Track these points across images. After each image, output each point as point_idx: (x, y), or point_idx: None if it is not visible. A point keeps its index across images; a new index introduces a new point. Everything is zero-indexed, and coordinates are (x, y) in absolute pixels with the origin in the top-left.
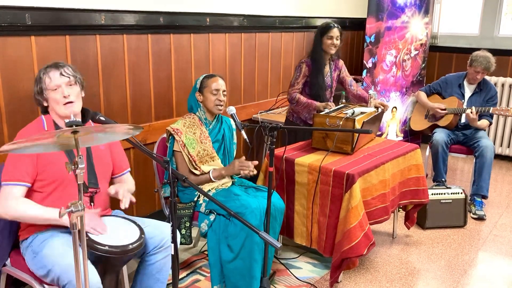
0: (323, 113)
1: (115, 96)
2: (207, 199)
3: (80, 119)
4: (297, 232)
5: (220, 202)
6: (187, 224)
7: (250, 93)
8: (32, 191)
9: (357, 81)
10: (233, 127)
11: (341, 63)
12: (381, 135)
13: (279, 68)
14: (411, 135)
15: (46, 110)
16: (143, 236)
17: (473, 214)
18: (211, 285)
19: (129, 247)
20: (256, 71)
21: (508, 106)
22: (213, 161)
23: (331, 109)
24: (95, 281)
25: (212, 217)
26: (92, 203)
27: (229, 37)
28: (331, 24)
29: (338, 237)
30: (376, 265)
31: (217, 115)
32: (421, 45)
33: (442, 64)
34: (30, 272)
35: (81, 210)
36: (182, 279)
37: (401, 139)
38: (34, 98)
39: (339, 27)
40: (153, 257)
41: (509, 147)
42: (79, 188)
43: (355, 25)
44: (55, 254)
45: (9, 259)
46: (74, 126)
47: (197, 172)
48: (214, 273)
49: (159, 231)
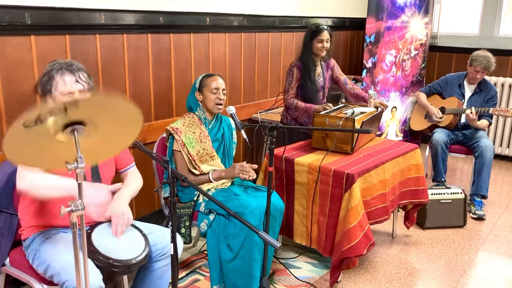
0: (322, 112)
1: None
2: (207, 199)
3: None
4: (297, 232)
5: (219, 201)
6: (187, 223)
7: (249, 92)
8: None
9: (357, 81)
10: (233, 126)
11: (333, 62)
12: (380, 135)
13: (279, 68)
14: (410, 135)
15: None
16: (148, 247)
17: (473, 214)
18: (211, 285)
19: (133, 261)
20: (256, 71)
21: (508, 106)
22: (213, 160)
23: (331, 109)
24: (96, 280)
25: (211, 217)
26: None
27: (229, 37)
28: (321, 26)
29: (337, 237)
30: (375, 265)
31: (217, 114)
32: (421, 45)
33: (442, 64)
34: (29, 271)
35: (81, 209)
36: (181, 278)
37: (401, 139)
38: (35, 89)
39: (328, 28)
40: (155, 264)
41: (508, 147)
42: (79, 187)
43: (355, 25)
44: (55, 250)
45: (8, 259)
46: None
47: (196, 172)
48: (213, 272)
49: (162, 238)
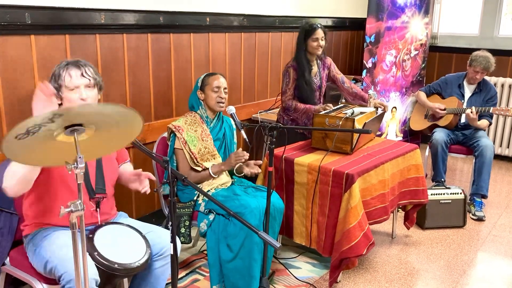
0: (322, 113)
1: (115, 95)
2: (207, 199)
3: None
4: (297, 232)
5: (219, 201)
6: (187, 223)
7: (249, 92)
8: (42, 185)
9: (357, 81)
10: (234, 127)
11: (329, 60)
12: (380, 135)
13: (279, 68)
14: (410, 135)
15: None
16: (149, 250)
17: (473, 214)
18: (210, 284)
19: (136, 265)
20: (256, 71)
21: (508, 106)
22: (214, 159)
23: (331, 109)
24: (92, 272)
25: (211, 217)
26: (98, 209)
27: (229, 37)
28: (314, 25)
29: (337, 237)
30: (375, 265)
31: (218, 114)
32: (421, 45)
33: (442, 64)
34: (29, 271)
35: (80, 210)
36: (181, 278)
37: (401, 139)
38: None
39: (322, 26)
40: (153, 264)
41: (508, 147)
42: (78, 187)
43: (355, 25)
44: (54, 245)
45: (8, 258)
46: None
47: (198, 168)
48: (213, 272)
49: (160, 239)
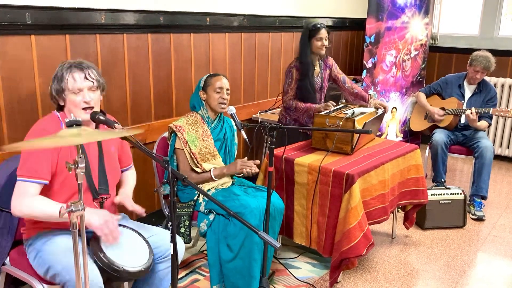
0: (323, 113)
1: (115, 95)
2: (207, 199)
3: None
4: (297, 232)
5: (219, 202)
6: (187, 223)
7: (250, 93)
8: (44, 189)
9: (357, 81)
10: (234, 127)
11: (331, 61)
12: (380, 136)
13: (279, 68)
14: (410, 136)
15: (60, 107)
16: (152, 256)
17: (472, 214)
18: (210, 284)
19: (141, 269)
20: (256, 71)
21: (508, 107)
22: (215, 159)
23: (331, 109)
24: (97, 281)
25: (211, 217)
26: (102, 209)
27: (229, 37)
28: (319, 25)
29: (337, 237)
30: (375, 265)
31: (219, 114)
32: (421, 45)
33: (442, 64)
34: (29, 271)
35: (81, 209)
36: (181, 278)
37: (401, 139)
38: (50, 95)
39: (326, 26)
40: (156, 266)
41: (508, 148)
42: (79, 187)
43: (355, 25)
44: (57, 251)
45: (8, 258)
46: (74, 125)
47: (198, 170)
48: (213, 272)
49: (163, 241)
